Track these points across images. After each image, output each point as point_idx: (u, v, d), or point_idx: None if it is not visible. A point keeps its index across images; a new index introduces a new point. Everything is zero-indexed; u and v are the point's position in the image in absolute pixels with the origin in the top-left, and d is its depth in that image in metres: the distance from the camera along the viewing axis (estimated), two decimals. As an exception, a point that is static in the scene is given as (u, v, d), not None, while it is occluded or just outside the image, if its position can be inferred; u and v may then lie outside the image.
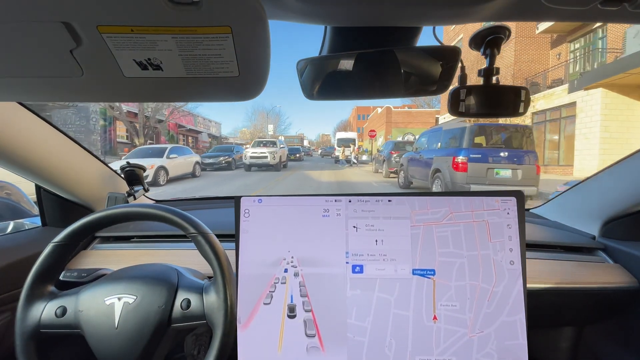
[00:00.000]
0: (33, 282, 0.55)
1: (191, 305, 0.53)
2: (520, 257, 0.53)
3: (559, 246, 0.86)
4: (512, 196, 0.55)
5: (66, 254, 0.58)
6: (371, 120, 40.55)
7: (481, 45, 0.54)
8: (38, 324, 0.54)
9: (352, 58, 0.56)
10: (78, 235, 0.57)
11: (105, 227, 0.59)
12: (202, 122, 29.17)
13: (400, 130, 29.12)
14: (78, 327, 0.54)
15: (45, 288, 0.57)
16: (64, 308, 0.54)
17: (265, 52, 0.35)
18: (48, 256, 0.56)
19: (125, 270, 0.59)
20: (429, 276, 0.53)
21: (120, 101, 0.49)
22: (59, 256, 0.57)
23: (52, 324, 0.54)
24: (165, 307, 0.53)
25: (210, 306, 0.53)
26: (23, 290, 0.55)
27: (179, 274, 0.58)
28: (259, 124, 47.41)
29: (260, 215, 0.57)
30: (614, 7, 0.35)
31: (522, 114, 0.59)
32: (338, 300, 0.54)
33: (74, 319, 0.54)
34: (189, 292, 0.55)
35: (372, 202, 0.56)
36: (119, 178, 1.03)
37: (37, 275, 0.56)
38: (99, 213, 0.57)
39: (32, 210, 1.70)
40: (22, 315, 0.54)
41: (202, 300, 0.53)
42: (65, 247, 0.57)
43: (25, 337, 0.53)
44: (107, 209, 0.58)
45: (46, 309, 0.55)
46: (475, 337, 0.52)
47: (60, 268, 0.58)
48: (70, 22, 0.30)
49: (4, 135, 0.68)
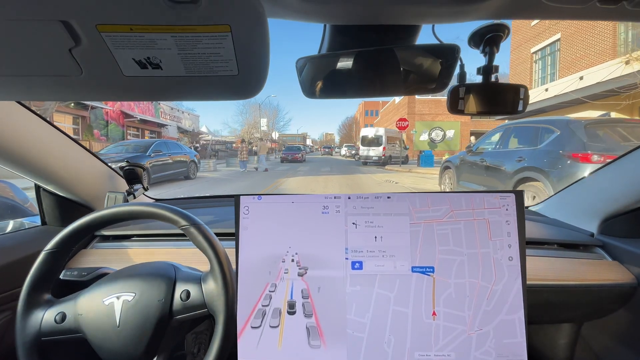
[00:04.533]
0: (29, 292, 0.55)
1: (191, 296, 0.54)
2: (519, 254, 0.53)
3: (557, 243, 0.86)
4: (511, 193, 0.55)
5: (60, 260, 0.57)
6: (385, 114, 34.32)
7: (480, 43, 0.54)
8: (38, 332, 0.54)
9: (351, 56, 0.56)
10: (69, 241, 0.57)
11: (97, 229, 0.58)
12: (168, 113, 22.91)
13: (426, 124, 22.73)
14: (79, 331, 0.54)
15: (41, 296, 0.56)
16: (63, 314, 0.54)
17: (265, 50, 0.35)
18: (42, 264, 0.56)
19: (121, 271, 0.59)
20: (429, 273, 0.54)
21: (120, 100, 0.49)
22: (53, 263, 0.56)
23: (53, 330, 0.54)
24: (165, 301, 0.53)
25: (210, 294, 0.53)
26: (20, 300, 0.55)
27: (175, 268, 0.59)
28: (252, 118, 39.73)
29: (260, 212, 0.57)
30: (613, 5, 0.35)
31: (520, 112, 0.59)
32: (338, 296, 0.54)
33: (74, 323, 0.54)
34: (187, 283, 0.55)
35: (371, 199, 0.56)
36: (118, 177, 1.03)
37: (33, 285, 0.55)
38: (89, 217, 0.57)
39: (28, 207, 1.69)
40: (21, 325, 0.54)
41: (202, 289, 0.54)
42: (58, 253, 0.57)
43: (27, 346, 0.53)
44: (97, 212, 0.58)
45: (45, 316, 0.54)
46: (474, 335, 0.52)
47: (55, 275, 0.58)
48: (69, 21, 0.30)
49: (3, 135, 0.68)
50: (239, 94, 0.42)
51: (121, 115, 16.90)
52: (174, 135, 22.58)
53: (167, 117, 22.84)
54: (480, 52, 0.55)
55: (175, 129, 23.70)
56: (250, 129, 38.66)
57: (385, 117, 34.16)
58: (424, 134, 22.28)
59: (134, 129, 18.53)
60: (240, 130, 40.91)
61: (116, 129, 16.69)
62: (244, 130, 39.66)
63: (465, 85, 0.58)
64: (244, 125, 40.70)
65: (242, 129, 40.77)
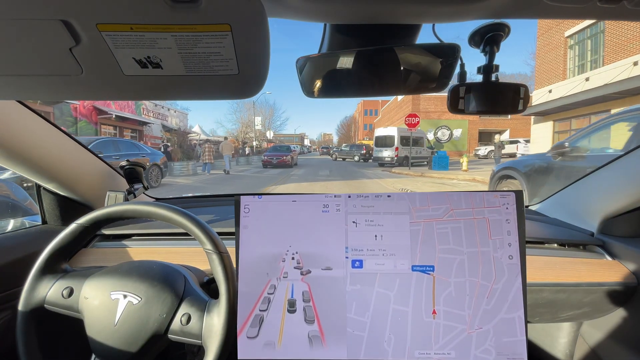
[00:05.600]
0: (49, 256, 0.57)
1: (190, 322, 0.53)
2: (519, 252, 0.53)
3: (557, 242, 0.87)
4: (511, 192, 0.55)
5: (84, 237, 0.59)
6: (387, 112, 33.04)
7: (480, 42, 0.54)
8: (44, 297, 0.56)
9: (351, 56, 0.56)
10: (100, 222, 0.59)
11: (124, 219, 0.60)
12: (151, 110, 20.91)
13: (432, 122, 21.43)
14: (80, 312, 0.55)
15: (58, 264, 0.59)
16: (71, 289, 0.56)
17: (265, 49, 0.35)
18: (69, 234, 0.58)
19: (136, 265, 0.59)
20: (429, 272, 0.54)
21: (120, 99, 0.50)
22: (79, 237, 0.59)
23: (57, 302, 0.56)
24: (166, 317, 0.54)
25: (208, 328, 0.52)
26: (37, 263, 0.57)
27: (186, 282, 0.58)
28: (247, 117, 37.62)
29: (260, 211, 0.57)
30: (613, 4, 0.35)
31: (521, 112, 0.59)
32: (338, 295, 0.54)
33: (79, 303, 0.55)
34: (191, 307, 0.55)
35: (371, 197, 0.56)
36: (118, 176, 1.03)
37: (55, 250, 0.58)
38: (121, 206, 0.58)
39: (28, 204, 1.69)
40: (31, 286, 0.56)
41: (203, 319, 0.53)
42: (86, 230, 0.59)
43: (29, 308, 0.55)
44: (128, 203, 0.59)
45: (55, 285, 0.56)
46: (474, 333, 0.52)
47: (76, 249, 0.60)
48: (70, 20, 0.30)
49: (4, 134, 0.68)
50: (239, 93, 0.42)
51: (94, 112, 14.82)
52: (157, 134, 20.91)
53: (151, 114, 20.97)
54: (481, 52, 0.55)
55: (160, 127, 21.78)
56: (245, 128, 36.88)
57: (386, 116, 32.74)
58: (429, 133, 20.63)
59: (109, 127, 16.39)
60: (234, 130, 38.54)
61: (88, 126, 14.69)
62: (239, 130, 37.47)
63: (466, 85, 0.58)
64: (239, 124, 38.43)
65: (237, 129, 38.48)
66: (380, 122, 35.20)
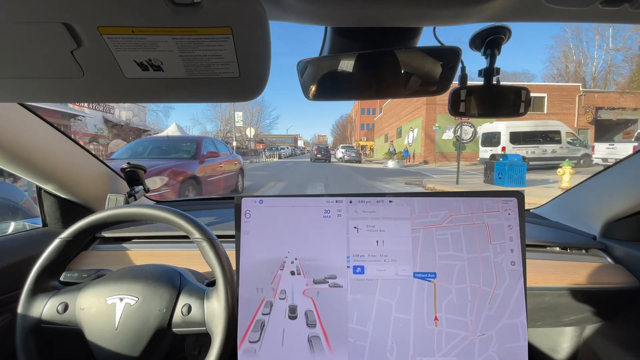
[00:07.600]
0: (37, 276, 0.56)
1: (192, 311, 0.53)
2: (521, 258, 0.53)
3: (559, 246, 0.86)
4: (513, 197, 0.55)
5: (71, 250, 0.59)
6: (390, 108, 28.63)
7: (481, 45, 0.54)
8: (40, 318, 0.54)
9: (352, 58, 0.56)
10: (84, 233, 0.58)
11: (110, 226, 0.59)
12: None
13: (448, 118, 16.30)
14: (79, 325, 0.54)
15: (48, 282, 0.58)
16: (65, 304, 0.55)
17: (266, 52, 0.35)
18: (54, 251, 0.57)
19: (128, 270, 0.59)
20: (430, 279, 0.53)
21: (121, 102, 0.50)
22: (65, 252, 0.58)
23: (54, 319, 0.55)
24: (166, 311, 0.53)
25: (210, 313, 0.52)
26: (26, 283, 0.56)
27: (181, 277, 0.58)
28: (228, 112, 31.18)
29: (261, 216, 0.56)
30: (615, 7, 0.35)
31: (522, 115, 0.59)
32: (339, 304, 0.53)
33: (75, 316, 0.54)
34: (190, 297, 0.55)
35: (372, 202, 0.56)
36: (119, 178, 1.03)
37: (42, 269, 0.56)
38: (105, 212, 0.57)
39: (30, 207, 1.69)
40: (24, 309, 0.55)
41: (203, 306, 0.53)
42: (71, 243, 0.58)
43: (26, 330, 0.54)
44: (112, 208, 0.58)
45: (48, 303, 0.55)
46: (476, 340, 0.51)
47: (64, 264, 0.59)
48: (71, 23, 0.30)
49: (5, 136, 0.68)
50: (240, 95, 0.42)
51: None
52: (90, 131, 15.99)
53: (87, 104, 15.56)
54: (482, 55, 0.55)
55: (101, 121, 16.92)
56: (226, 126, 31.08)
57: (390, 112, 29.22)
58: (448, 130, 16.89)
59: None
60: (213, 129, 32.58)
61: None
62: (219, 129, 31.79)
63: (467, 88, 0.58)
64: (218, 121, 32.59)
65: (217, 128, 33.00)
66: (383, 120, 32.91)
